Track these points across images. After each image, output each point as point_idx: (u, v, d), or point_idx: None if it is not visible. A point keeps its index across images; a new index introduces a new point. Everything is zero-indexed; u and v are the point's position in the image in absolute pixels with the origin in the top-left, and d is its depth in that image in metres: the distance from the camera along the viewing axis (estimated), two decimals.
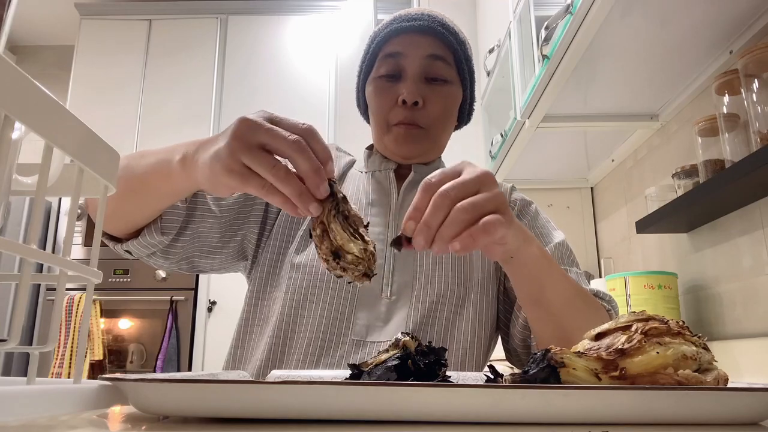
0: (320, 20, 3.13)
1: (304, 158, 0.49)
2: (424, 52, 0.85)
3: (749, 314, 1.37)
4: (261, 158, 0.49)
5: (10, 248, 0.30)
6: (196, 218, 0.79)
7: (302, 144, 0.49)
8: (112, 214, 0.72)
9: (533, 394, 0.32)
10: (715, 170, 1.32)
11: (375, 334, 0.79)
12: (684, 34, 1.34)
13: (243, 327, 0.86)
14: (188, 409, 0.34)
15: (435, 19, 0.88)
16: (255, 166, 0.50)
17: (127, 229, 0.76)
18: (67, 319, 2.52)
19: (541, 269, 0.65)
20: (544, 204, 2.44)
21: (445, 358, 0.47)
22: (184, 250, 0.80)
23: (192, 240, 0.80)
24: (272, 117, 0.52)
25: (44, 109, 0.32)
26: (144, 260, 0.80)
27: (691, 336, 0.38)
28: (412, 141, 0.86)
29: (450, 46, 0.88)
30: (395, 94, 0.85)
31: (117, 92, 3.03)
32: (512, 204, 0.92)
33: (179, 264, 0.82)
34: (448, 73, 0.87)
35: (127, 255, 0.79)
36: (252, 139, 0.50)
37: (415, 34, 0.86)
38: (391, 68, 0.86)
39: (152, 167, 0.66)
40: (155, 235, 0.75)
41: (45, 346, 0.36)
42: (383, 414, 0.33)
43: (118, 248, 0.78)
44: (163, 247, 0.78)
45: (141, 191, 0.68)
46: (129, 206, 0.71)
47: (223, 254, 0.85)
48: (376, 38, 0.90)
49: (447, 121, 0.90)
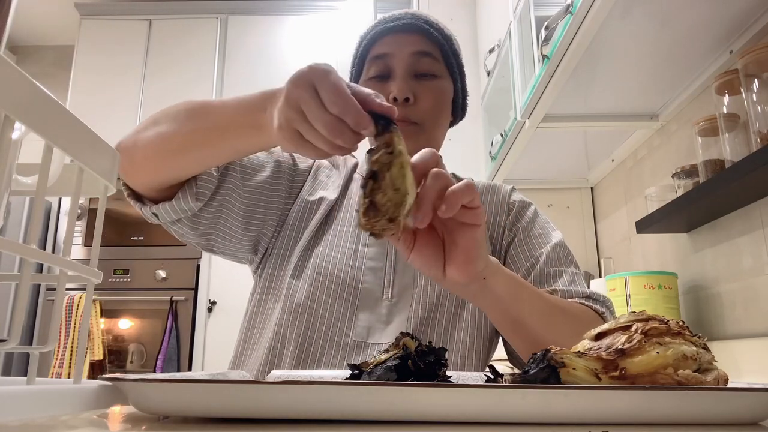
0: (320, 20, 3.13)
1: (341, 142, 0.52)
2: (410, 49, 0.86)
3: (749, 314, 1.37)
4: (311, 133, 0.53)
5: (10, 248, 0.30)
6: (222, 189, 0.79)
7: (336, 130, 0.51)
8: (160, 167, 0.70)
9: (533, 394, 0.32)
10: (715, 170, 1.32)
11: (376, 335, 0.79)
12: (684, 34, 1.33)
13: (247, 324, 0.86)
14: (188, 409, 0.34)
15: (418, 17, 0.88)
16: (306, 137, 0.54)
17: (162, 185, 0.73)
18: (67, 319, 2.52)
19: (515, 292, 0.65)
20: (544, 204, 2.44)
21: (445, 358, 0.47)
22: (208, 223, 0.79)
23: (216, 214, 0.79)
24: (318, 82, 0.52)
25: (44, 109, 0.32)
26: (167, 227, 0.79)
27: (691, 336, 0.38)
28: (408, 137, 0.86)
29: (436, 41, 0.88)
30: (386, 93, 0.85)
31: (117, 92, 3.03)
32: (511, 205, 0.92)
33: (199, 239, 0.81)
34: (436, 68, 0.88)
35: (152, 218, 0.78)
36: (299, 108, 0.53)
37: (399, 34, 0.87)
38: (380, 69, 0.87)
39: (232, 121, 0.64)
40: (190, 199, 0.74)
41: (45, 346, 0.36)
42: (383, 414, 0.33)
43: (145, 210, 0.76)
44: (192, 215, 0.77)
45: (213, 144, 0.67)
46: (186, 160, 0.70)
47: (242, 240, 0.84)
48: (362, 42, 0.90)
49: (440, 115, 0.89)
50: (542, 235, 0.87)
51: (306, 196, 0.90)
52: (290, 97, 0.53)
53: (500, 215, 0.91)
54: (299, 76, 0.53)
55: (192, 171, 0.73)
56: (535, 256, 0.84)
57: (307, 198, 0.89)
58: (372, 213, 0.46)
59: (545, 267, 0.82)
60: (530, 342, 0.67)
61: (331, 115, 0.51)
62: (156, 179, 0.72)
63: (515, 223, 0.89)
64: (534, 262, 0.83)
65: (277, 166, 0.88)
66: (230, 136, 0.65)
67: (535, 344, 0.67)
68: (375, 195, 0.46)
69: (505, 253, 0.88)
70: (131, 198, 0.76)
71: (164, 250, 2.72)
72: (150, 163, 0.70)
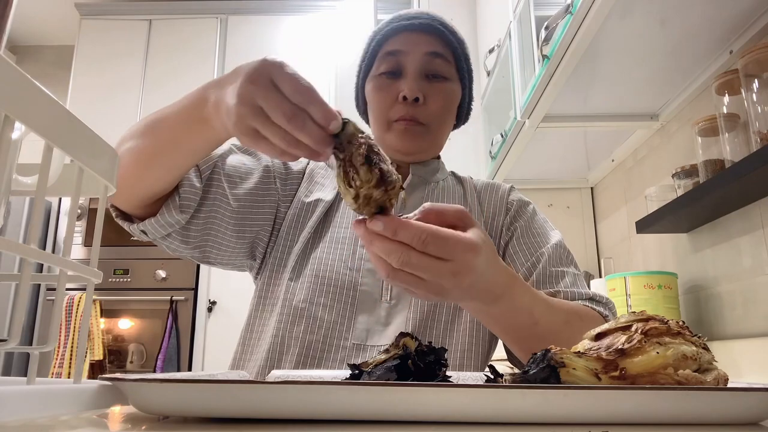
0: (320, 20, 3.13)
1: (303, 135, 0.49)
2: (424, 49, 0.86)
3: (749, 314, 1.37)
4: (268, 128, 0.50)
5: (10, 248, 0.30)
6: (209, 200, 0.78)
7: (298, 120, 0.49)
8: (135, 183, 0.70)
9: (533, 394, 0.32)
10: (715, 170, 1.32)
11: (375, 337, 0.79)
12: (684, 34, 1.33)
13: (246, 326, 0.86)
14: (188, 409, 0.34)
15: (435, 18, 0.88)
16: (263, 132, 0.51)
17: (145, 201, 0.73)
18: (67, 319, 2.52)
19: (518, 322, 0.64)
20: (544, 204, 2.44)
21: (445, 358, 0.47)
22: (199, 236, 0.79)
23: (206, 225, 0.79)
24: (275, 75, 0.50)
25: (44, 109, 0.32)
26: (158, 243, 0.79)
27: (691, 336, 0.38)
28: (414, 137, 0.87)
29: (450, 44, 0.88)
30: (396, 91, 0.86)
31: (117, 92, 3.03)
32: (509, 204, 0.92)
33: (192, 252, 0.81)
34: (447, 71, 0.88)
35: (142, 236, 0.77)
36: (255, 103, 0.50)
37: (415, 32, 0.87)
38: (392, 66, 0.87)
39: (180, 120, 0.64)
40: (174, 212, 0.74)
41: (45, 346, 0.36)
42: (383, 414, 0.33)
43: (133, 228, 0.76)
44: (180, 228, 0.77)
45: (170, 150, 0.66)
46: (155, 171, 0.69)
47: (236, 249, 0.84)
48: (375, 37, 0.90)
49: (447, 118, 0.90)
50: (541, 234, 0.87)
51: (302, 197, 0.89)
52: (243, 92, 0.50)
53: (499, 214, 0.91)
54: (252, 71, 0.51)
55: (166, 180, 0.71)
56: (536, 256, 0.84)
57: (303, 199, 0.89)
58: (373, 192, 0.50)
59: (547, 267, 0.82)
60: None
61: (293, 105, 0.49)
62: (136, 195, 0.72)
63: (513, 222, 0.89)
64: (535, 262, 0.83)
65: (266, 171, 0.87)
66: (181, 137, 0.65)
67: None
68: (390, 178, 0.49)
69: (503, 251, 0.88)
70: (120, 218, 0.76)
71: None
72: (126, 181, 0.69)
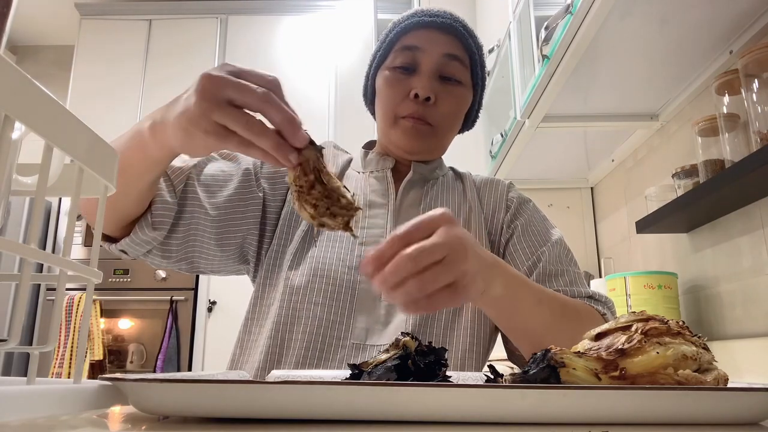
0: (320, 20, 3.13)
1: (276, 110, 0.49)
2: (442, 49, 0.85)
3: (749, 314, 1.37)
4: (233, 115, 0.49)
5: (10, 248, 0.30)
6: (186, 213, 0.77)
7: (271, 96, 0.49)
8: (107, 207, 0.69)
9: (533, 394, 0.32)
10: (715, 170, 1.32)
11: (374, 337, 0.78)
12: (684, 34, 1.33)
13: (243, 328, 0.85)
14: (188, 409, 0.34)
15: (457, 20, 0.87)
16: (229, 124, 0.50)
17: (120, 223, 0.73)
18: (67, 319, 2.52)
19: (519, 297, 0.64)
20: (544, 204, 2.44)
21: (445, 358, 0.47)
22: (181, 249, 0.78)
23: (186, 238, 0.78)
24: (235, 70, 0.51)
25: (44, 109, 0.32)
26: (142, 259, 0.78)
27: (691, 336, 0.38)
28: (420, 136, 0.86)
29: (468, 48, 0.87)
30: (407, 87, 0.85)
31: (117, 92, 3.03)
32: (509, 201, 0.91)
33: (179, 264, 0.81)
34: (462, 75, 0.87)
35: (123, 255, 0.77)
36: (220, 96, 0.49)
37: (435, 31, 0.86)
38: (407, 60, 0.85)
39: (127, 144, 0.63)
40: (147, 230, 0.73)
41: (45, 346, 0.36)
42: (383, 414, 0.33)
43: (113, 248, 0.76)
44: (158, 244, 0.76)
45: (122, 173, 0.67)
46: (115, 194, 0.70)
47: (223, 257, 0.83)
48: (394, 28, 0.88)
49: (455, 122, 0.89)
50: (542, 233, 0.87)
51: None
52: (205, 88, 0.50)
53: (499, 211, 0.90)
54: (210, 73, 0.50)
55: (134, 202, 0.70)
56: (537, 254, 0.84)
57: None
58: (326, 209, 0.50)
59: (547, 266, 0.82)
60: (537, 345, 0.67)
61: (262, 88, 0.49)
62: (110, 218, 0.71)
63: (514, 220, 0.89)
64: (536, 260, 0.83)
65: (246, 174, 0.85)
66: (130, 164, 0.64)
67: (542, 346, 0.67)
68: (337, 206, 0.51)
69: (504, 249, 0.87)
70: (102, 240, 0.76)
71: None
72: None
